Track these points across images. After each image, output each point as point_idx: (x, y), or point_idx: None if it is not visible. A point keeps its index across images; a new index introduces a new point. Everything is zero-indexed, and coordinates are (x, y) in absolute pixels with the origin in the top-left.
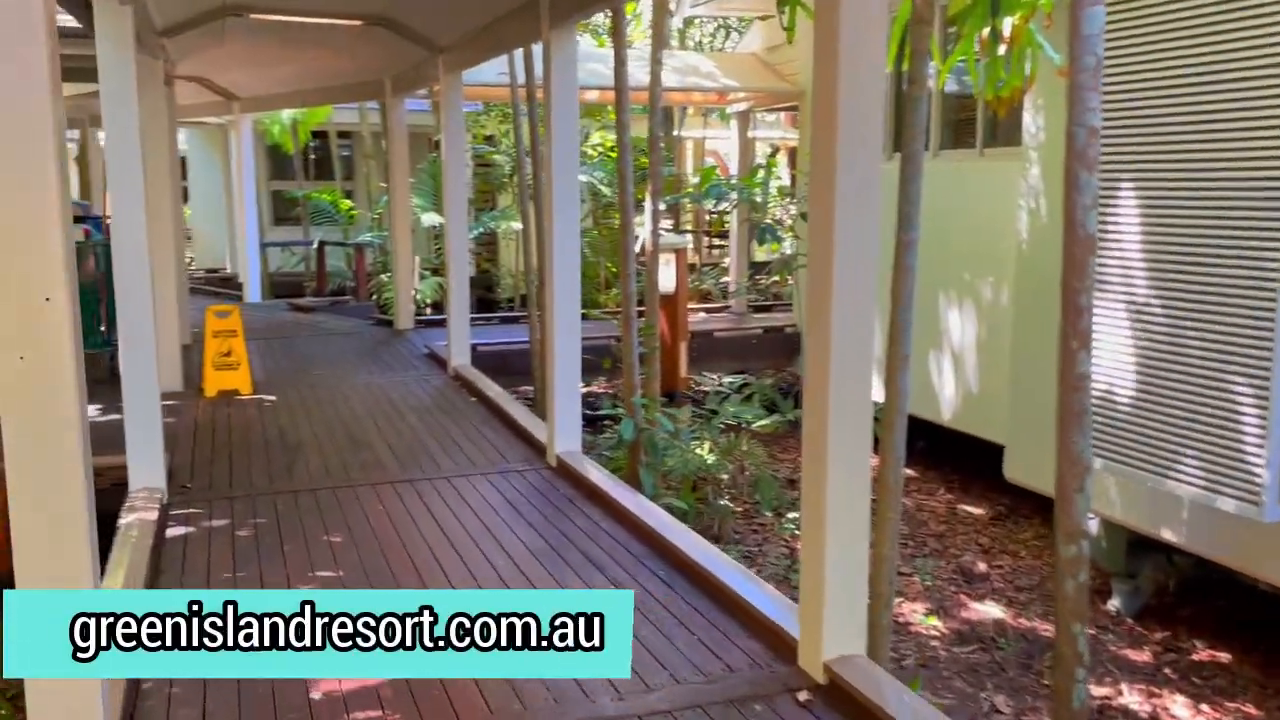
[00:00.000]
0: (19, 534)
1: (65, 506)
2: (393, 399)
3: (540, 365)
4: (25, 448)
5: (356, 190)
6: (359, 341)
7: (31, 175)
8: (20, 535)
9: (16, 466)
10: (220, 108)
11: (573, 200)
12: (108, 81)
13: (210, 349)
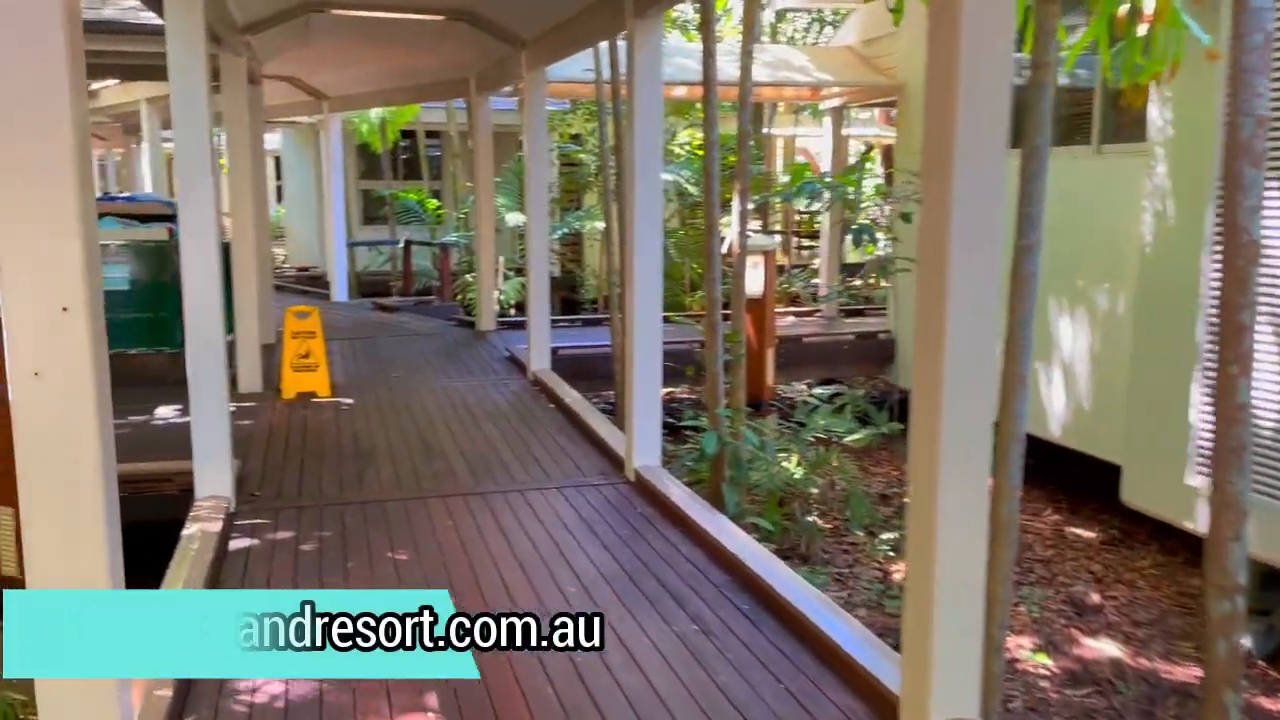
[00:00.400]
0: (32, 570)
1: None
2: (469, 404)
3: (623, 372)
4: (39, 477)
5: (444, 190)
6: (440, 343)
7: (44, 175)
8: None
9: (30, 497)
10: (310, 107)
11: (655, 200)
12: (177, 79)
13: (289, 351)
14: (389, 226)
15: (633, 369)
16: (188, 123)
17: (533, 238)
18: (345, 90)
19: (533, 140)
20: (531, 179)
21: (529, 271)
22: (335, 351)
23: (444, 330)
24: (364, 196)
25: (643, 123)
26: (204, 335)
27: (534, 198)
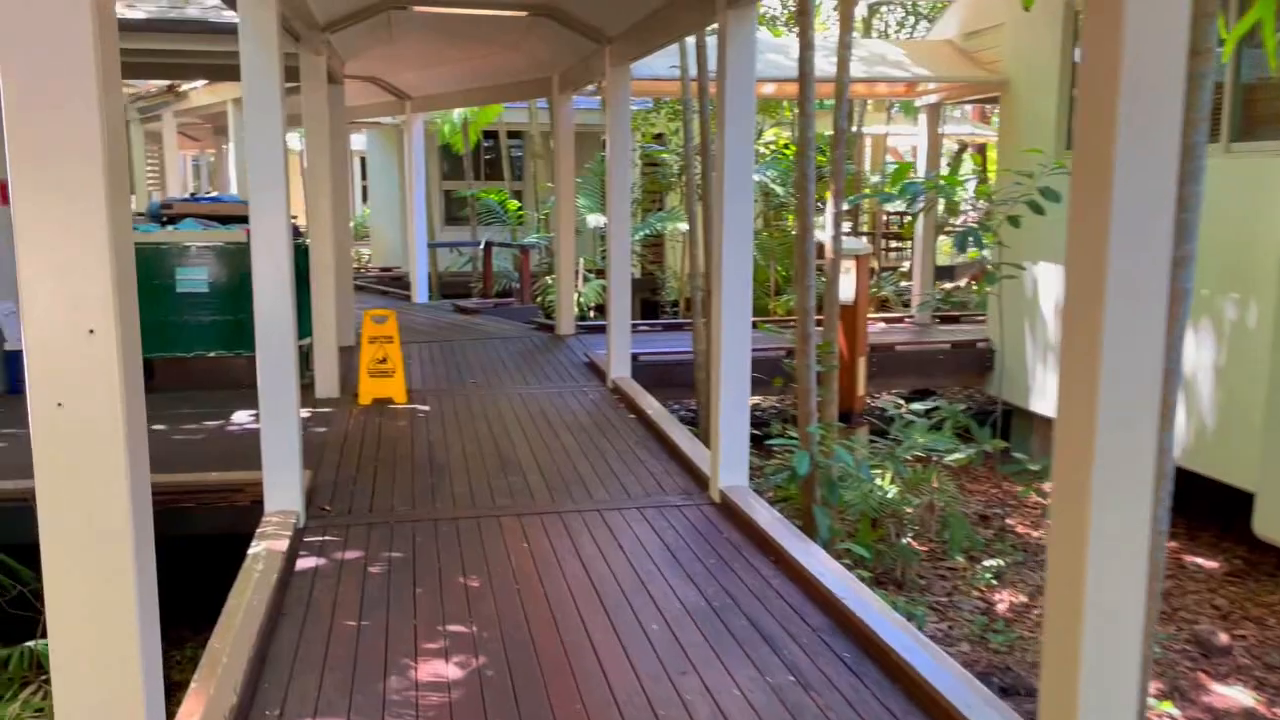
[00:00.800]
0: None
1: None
2: (547, 413)
3: (705, 380)
4: (61, 523)
5: (525, 190)
6: (519, 347)
7: (69, 183)
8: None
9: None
10: (393, 108)
11: (745, 202)
12: (250, 77)
13: (366, 355)
14: (470, 227)
15: (719, 380)
16: (260, 122)
17: (614, 240)
18: (428, 90)
19: (615, 139)
20: (613, 179)
21: (609, 275)
22: (413, 355)
23: (523, 334)
24: (446, 197)
25: (734, 120)
26: (274, 342)
27: (616, 198)
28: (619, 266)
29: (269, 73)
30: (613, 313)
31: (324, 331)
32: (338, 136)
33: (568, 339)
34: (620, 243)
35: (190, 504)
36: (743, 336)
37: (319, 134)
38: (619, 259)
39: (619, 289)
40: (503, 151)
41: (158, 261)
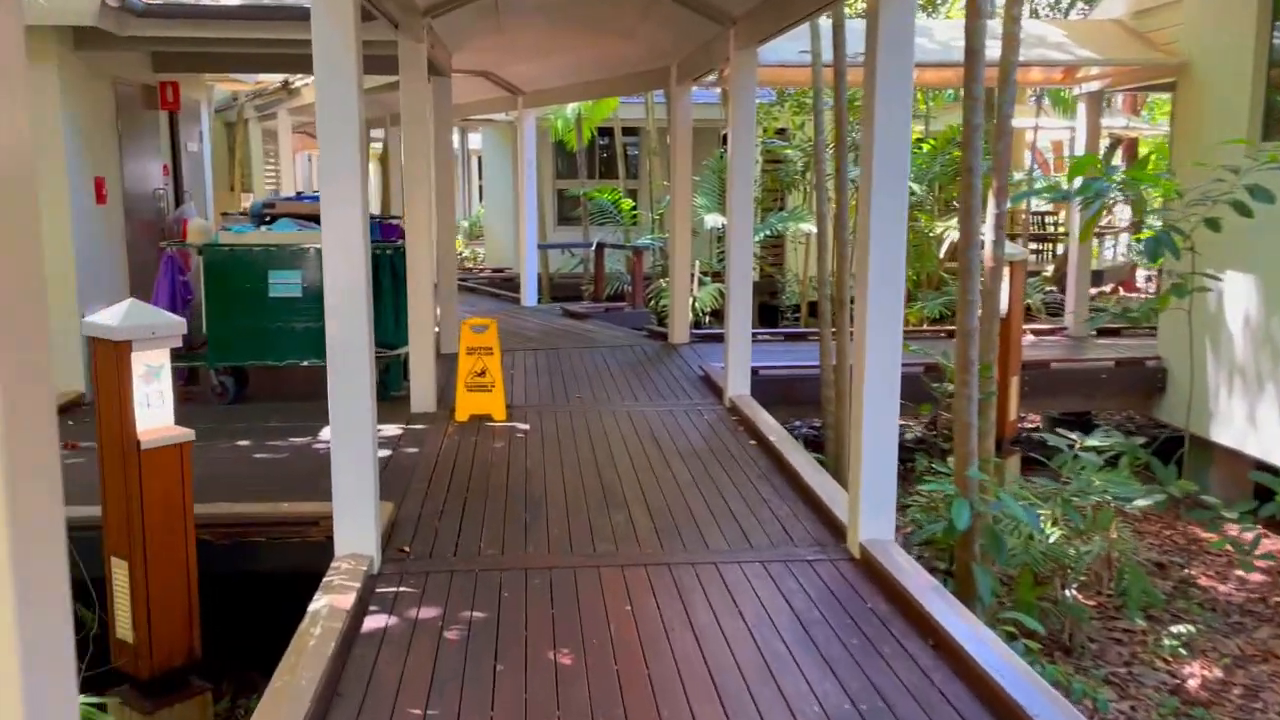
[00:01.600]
0: None
1: None
2: (658, 436)
3: (834, 400)
4: None
5: (640, 189)
6: (629, 357)
7: None
8: None
9: None
10: (505, 103)
11: (900, 201)
12: (322, 62)
13: (463, 368)
14: (582, 228)
15: (860, 415)
16: (332, 111)
17: (735, 242)
18: (540, 84)
19: (739, 131)
20: (736, 175)
21: (729, 280)
22: (517, 364)
23: (634, 342)
24: (559, 196)
25: (886, 106)
26: (347, 358)
27: (738, 196)
28: (739, 272)
29: (344, 55)
30: (732, 322)
31: (421, 340)
32: (443, 131)
33: (681, 348)
34: (741, 246)
35: (259, 538)
36: (891, 361)
37: (419, 127)
38: (740, 263)
39: (739, 297)
40: (617, 149)
41: (249, 264)
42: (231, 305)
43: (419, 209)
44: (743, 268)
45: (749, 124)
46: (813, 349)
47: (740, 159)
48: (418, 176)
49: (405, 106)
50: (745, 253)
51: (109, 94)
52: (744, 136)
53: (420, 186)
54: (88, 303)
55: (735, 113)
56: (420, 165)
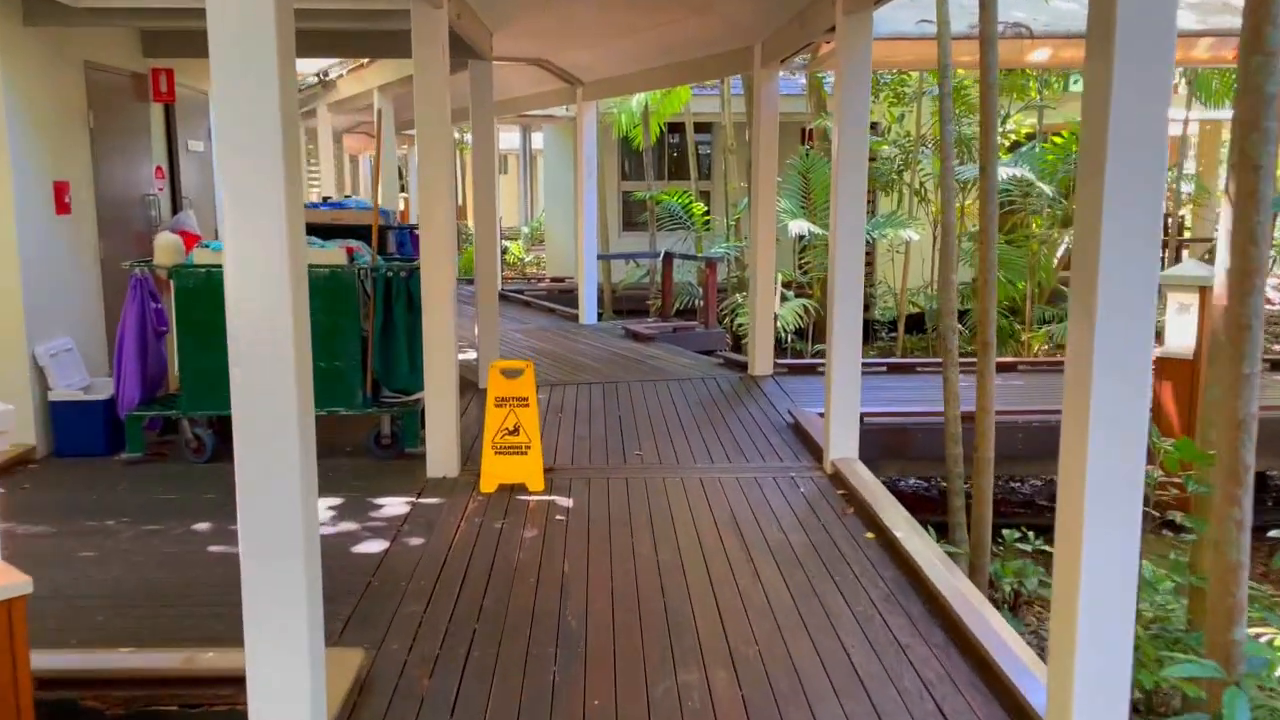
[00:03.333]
0: None
1: None
2: (740, 521)
3: (969, 461)
4: None
5: (713, 191)
6: (701, 393)
7: None
8: None
9: None
10: (564, 95)
11: (1151, 210)
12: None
13: (491, 424)
14: (649, 234)
15: (1078, 549)
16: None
17: (842, 255)
18: (601, 73)
19: (849, 111)
20: (844, 169)
21: (832, 304)
22: (566, 402)
23: (706, 372)
24: (623, 199)
25: (1135, 89)
26: (260, 427)
27: (847, 195)
28: (846, 292)
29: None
30: (836, 358)
31: (440, 384)
32: (483, 122)
33: (764, 382)
34: (849, 258)
35: (169, 705)
36: (1129, 457)
37: (435, 114)
38: (846, 281)
39: (845, 325)
40: (689, 146)
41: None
42: (209, 340)
43: (437, 219)
44: (850, 287)
45: (861, 105)
46: (924, 384)
47: (849, 147)
48: (434, 177)
49: (419, 88)
50: (853, 267)
51: (77, 81)
52: (855, 118)
53: (437, 190)
54: (43, 334)
55: (845, 88)
56: (437, 164)
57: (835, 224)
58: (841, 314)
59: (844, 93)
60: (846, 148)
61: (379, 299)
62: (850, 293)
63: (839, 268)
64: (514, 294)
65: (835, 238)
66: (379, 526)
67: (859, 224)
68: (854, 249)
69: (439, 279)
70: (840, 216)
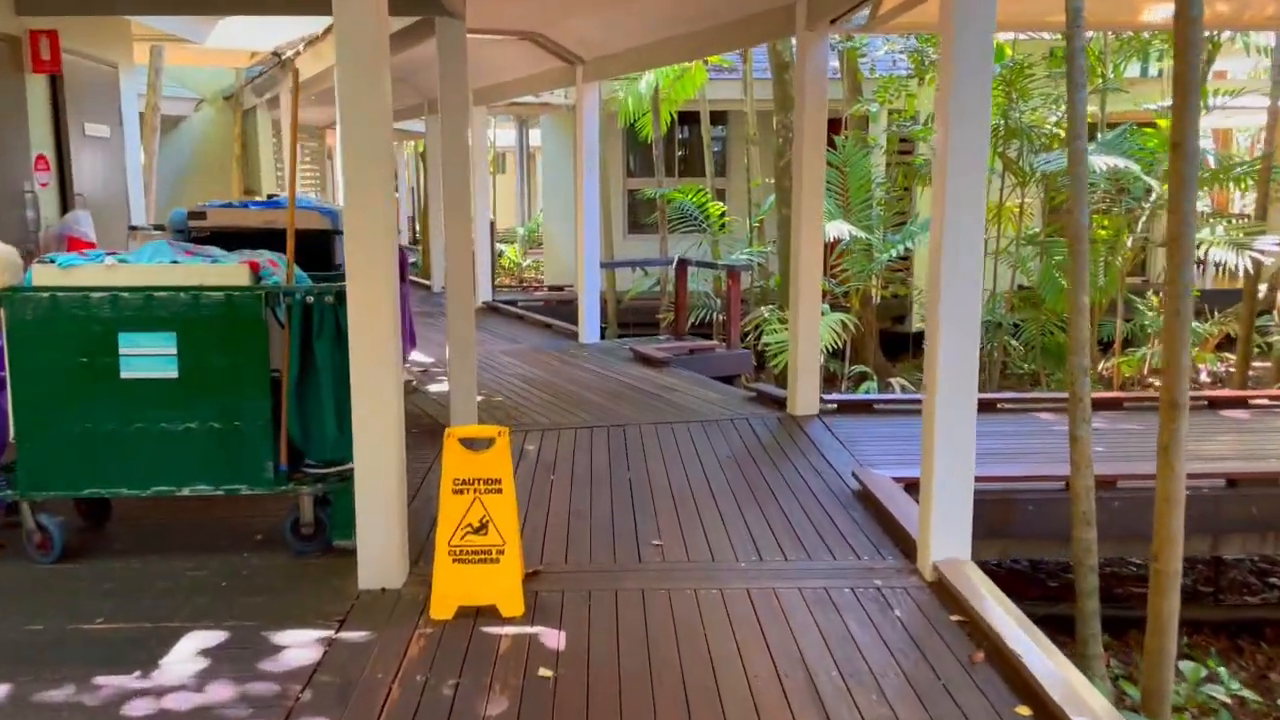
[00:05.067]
0: None
1: None
2: (815, 674)
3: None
4: None
5: (731, 189)
6: (732, 442)
7: None
8: None
9: None
10: (562, 76)
11: None
12: None
13: (447, 518)
14: (659, 237)
15: None
16: None
17: (951, 271)
18: (604, 48)
19: (964, 89)
20: (956, 167)
21: (939, 326)
22: (560, 453)
23: (735, 410)
24: (630, 198)
25: None
26: None
27: (958, 198)
28: (956, 322)
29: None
30: (942, 413)
31: (375, 449)
32: (453, 98)
33: (809, 424)
34: (960, 277)
35: None
36: None
37: (362, 72)
38: (957, 307)
39: (955, 367)
40: (704, 137)
41: (84, 323)
42: (54, 392)
43: (366, 212)
44: (962, 313)
45: (980, 82)
46: (1014, 428)
47: (965, 143)
48: (361, 154)
49: (340, 33)
50: (965, 290)
51: None
52: (972, 101)
53: (368, 175)
54: None
55: (960, 64)
56: (364, 141)
57: (942, 235)
58: (949, 349)
59: (958, 64)
60: (960, 142)
61: (295, 333)
62: (962, 321)
63: (948, 288)
64: (506, 305)
65: (942, 252)
66: (264, 697)
67: (974, 235)
68: (966, 265)
69: (370, 295)
70: (950, 226)
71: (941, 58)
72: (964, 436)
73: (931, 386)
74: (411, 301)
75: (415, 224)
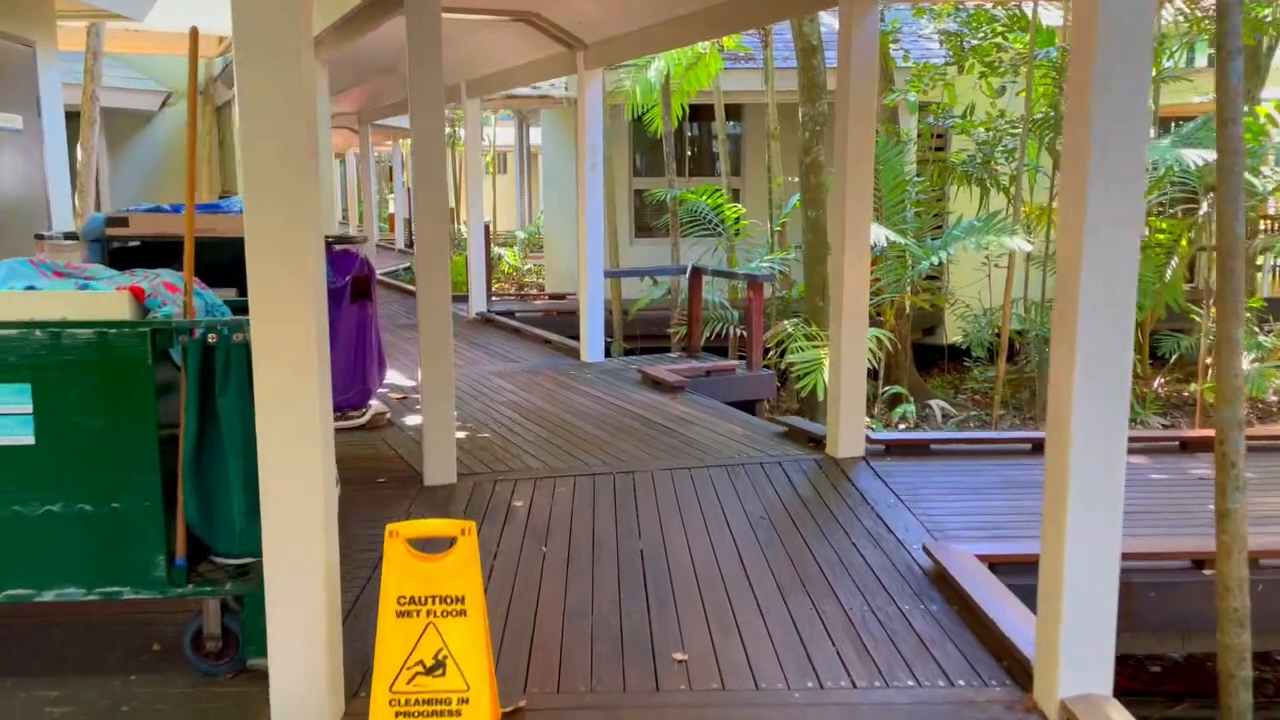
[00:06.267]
0: None
1: None
2: None
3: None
4: None
5: (744, 190)
6: (766, 497)
7: None
8: None
9: None
10: (561, 64)
11: None
12: None
13: (390, 648)
14: (671, 242)
15: None
16: None
17: (1093, 292)
18: (609, 29)
19: (1118, 70)
20: (1105, 169)
21: (1070, 373)
22: (557, 518)
23: (765, 450)
24: (637, 198)
25: None
26: None
27: (1106, 207)
28: (1106, 357)
29: None
30: (1077, 474)
31: (296, 546)
32: (425, 88)
33: (854, 469)
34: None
35: None
36: None
37: (266, 43)
38: (1106, 340)
39: (1103, 394)
40: (720, 131)
41: None
42: None
43: (274, 216)
44: (1110, 331)
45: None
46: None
47: (1120, 143)
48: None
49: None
50: (1117, 314)
51: None
52: (1129, 85)
53: (267, 165)
54: None
55: (1112, 37)
56: (267, 124)
57: (1082, 248)
58: (1087, 391)
59: (1108, 27)
60: (1115, 139)
61: (193, 383)
62: (1110, 358)
63: (1092, 311)
64: (502, 317)
65: (1080, 269)
66: None
67: (1131, 250)
68: (1120, 290)
69: (282, 325)
70: (1091, 241)
71: (1076, 23)
72: (1107, 516)
73: (1061, 442)
74: (378, 324)
75: (412, 227)
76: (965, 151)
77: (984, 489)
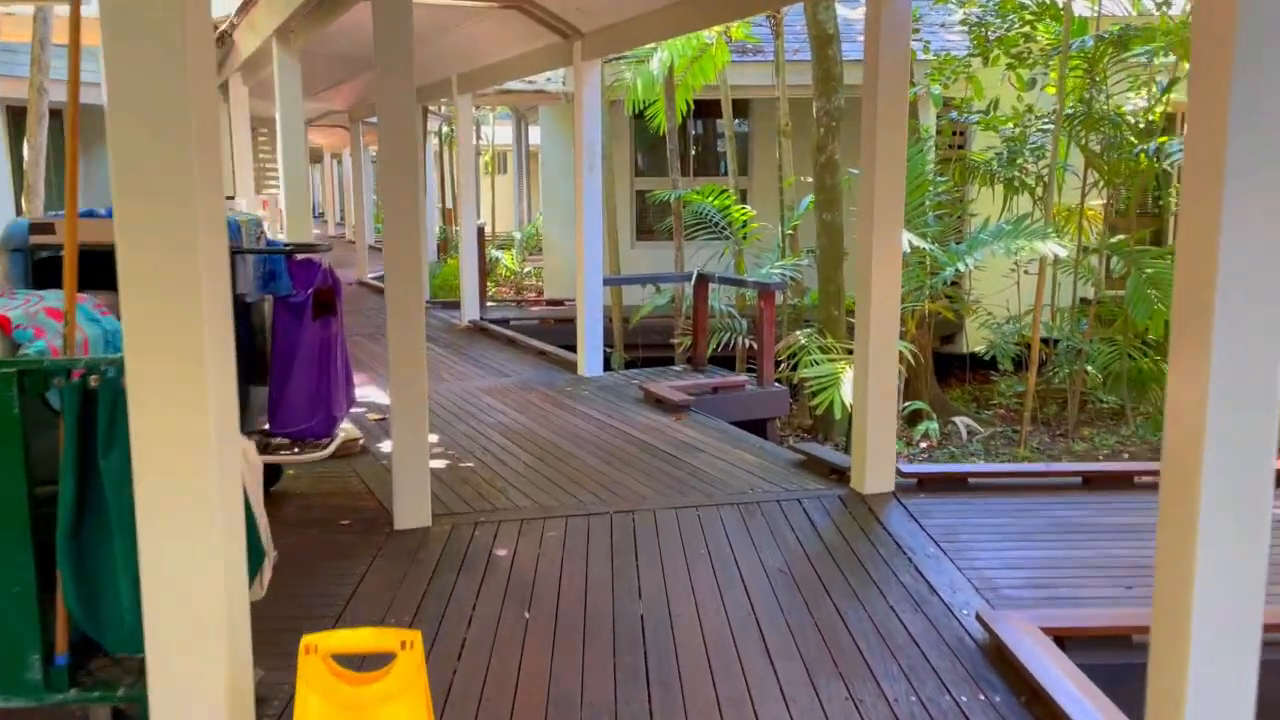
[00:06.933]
0: None
1: None
2: None
3: None
4: None
5: (752, 190)
6: (786, 544)
7: None
8: None
9: None
10: (557, 55)
11: None
12: None
13: None
14: (675, 246)
15: None
16: None
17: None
18: (607, 15)
19: None
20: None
21: (1200, 408)
22: (544, 572)
23: (781, 484)
24: (639, 199)
25: None
26: None
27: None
28: (1254, 334)
29: None
30: (1206, 538)
31: (194, 662)
32: (393, 78)
33: (885, 508)
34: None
35: None
36: None
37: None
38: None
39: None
40: (726, 130)
41: None
42: None
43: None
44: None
45: None
46: None
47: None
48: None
49: None
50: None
51: None
52: None
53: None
54: None
55: None
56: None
57: (1220, 264)
58: (1222, 412)
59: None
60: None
61: (71, 438)
62: (1255, 372)
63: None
64: (496, 325)
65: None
66: None
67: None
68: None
69: (168, 362)
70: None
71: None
72: (1248, 578)
73: (1183, 481)
74: (344, 342)
75: None
76: (991, 149)
77: (1034, 534)
